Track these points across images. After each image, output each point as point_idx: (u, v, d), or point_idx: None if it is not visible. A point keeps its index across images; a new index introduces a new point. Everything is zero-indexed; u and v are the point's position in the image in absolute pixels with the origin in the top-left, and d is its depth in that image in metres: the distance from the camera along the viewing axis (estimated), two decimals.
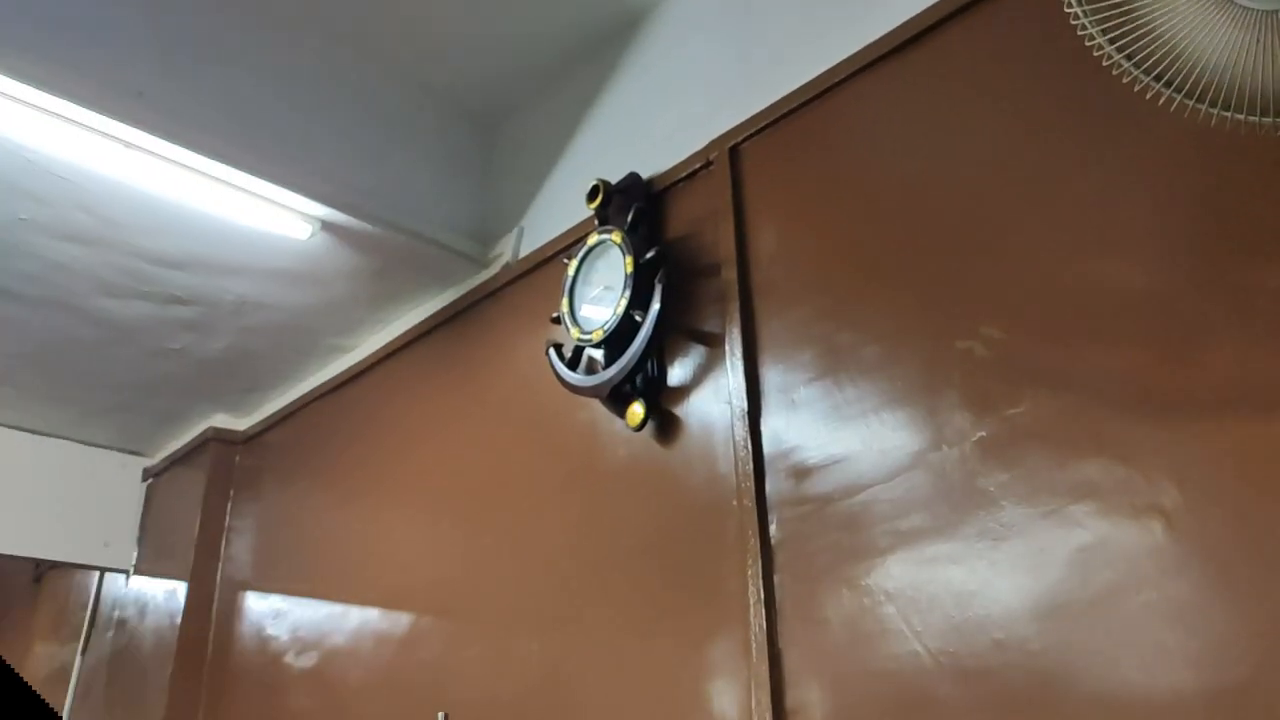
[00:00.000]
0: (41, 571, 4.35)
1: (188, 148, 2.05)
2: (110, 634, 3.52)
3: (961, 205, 1.52)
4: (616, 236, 1.95)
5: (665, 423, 1.88)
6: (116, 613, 3.54)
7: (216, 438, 3.31)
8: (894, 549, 1.44)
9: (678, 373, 1.90)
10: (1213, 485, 1.15)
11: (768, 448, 1.68)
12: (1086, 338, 1.30)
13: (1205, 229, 1.25)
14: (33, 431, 3.41)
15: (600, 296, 1.99)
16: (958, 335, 1.44)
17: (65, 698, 3.57)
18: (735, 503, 1.67)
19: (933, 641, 1.35)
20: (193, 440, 3.39)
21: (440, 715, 1.37)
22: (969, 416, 1.40)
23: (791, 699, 1.49)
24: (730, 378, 1.77)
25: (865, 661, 1.42)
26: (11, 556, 3.47)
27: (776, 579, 1.58)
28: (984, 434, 1.37)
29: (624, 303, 1.88)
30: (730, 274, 1.83)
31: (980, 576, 1.32)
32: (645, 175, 2.08)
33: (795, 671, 1.51)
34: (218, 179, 2.17)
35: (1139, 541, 1.18)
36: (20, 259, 2.46)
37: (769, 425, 1.69)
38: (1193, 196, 1.27)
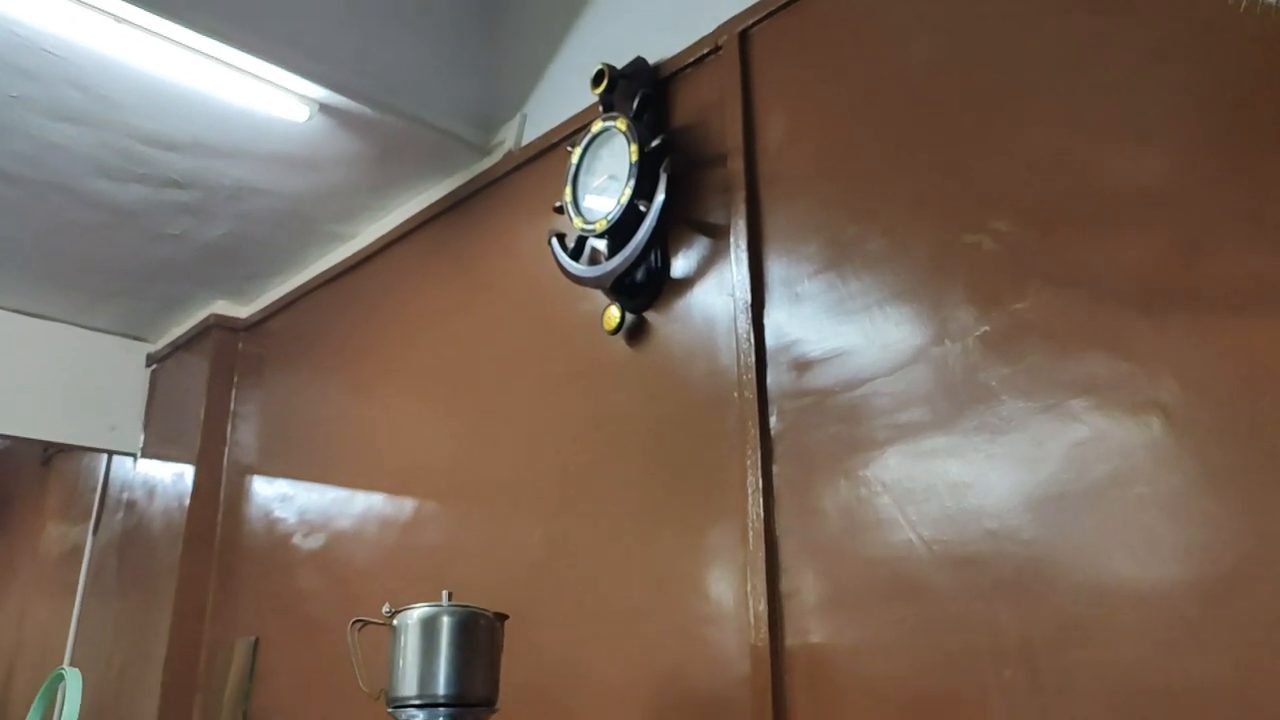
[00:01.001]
0: (50, 454, 4.42)
1: (179, 23, 1.99)
2: (120, 515, 3.60)
3: (975, 94, 1.48)
4: (621, 123, 1.91)
5: (664, 317, 1.88)
6: (125, 495, 3.61)
7: (218, 324, 3.32)
8: (892, 441, 1.45)
9: (681, 264, 1.89)
10: (1213, 382, 1.15)
11: (770, 340, 1.68)
12: (1097, 231, 1.29)
13: (1225, 121, 1.21)
14: (36, 316, 3.41)
15: (604, 186, 1.96)
16: (966, 228, 1.42)
17: (79, 576, 3.67)
18: (736, 395, 1.68)
19: (926, 530, 1.37)
20: (195, 326, 3.40)
21: (444, 593, 1.41)
22: (973, 311, 1.39)
23: (786, 584, 1.53)
24: (734, 270, 1.75)
25: (859, 549, 1.45)
26: (20, 439, 3.52)
27: (775, 469, 1.60)
28: (988, 328, 1.37)
29: (628, 192, 1.85)
30: (737, 164, 1.79)
31: (976, 469, 1.34)
32: (652, 60, 2.03)
33: (791, 558, 1.54)
34: (211, 56, 2.11)
35: (1136, 436, 1.19)
36: (13, 138, 2.42)
37: (772, 318, 1.69)
38: (1215, 87, 1.23)
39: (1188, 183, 1.22)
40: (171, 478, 3.31)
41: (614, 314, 1.92)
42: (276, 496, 2.95)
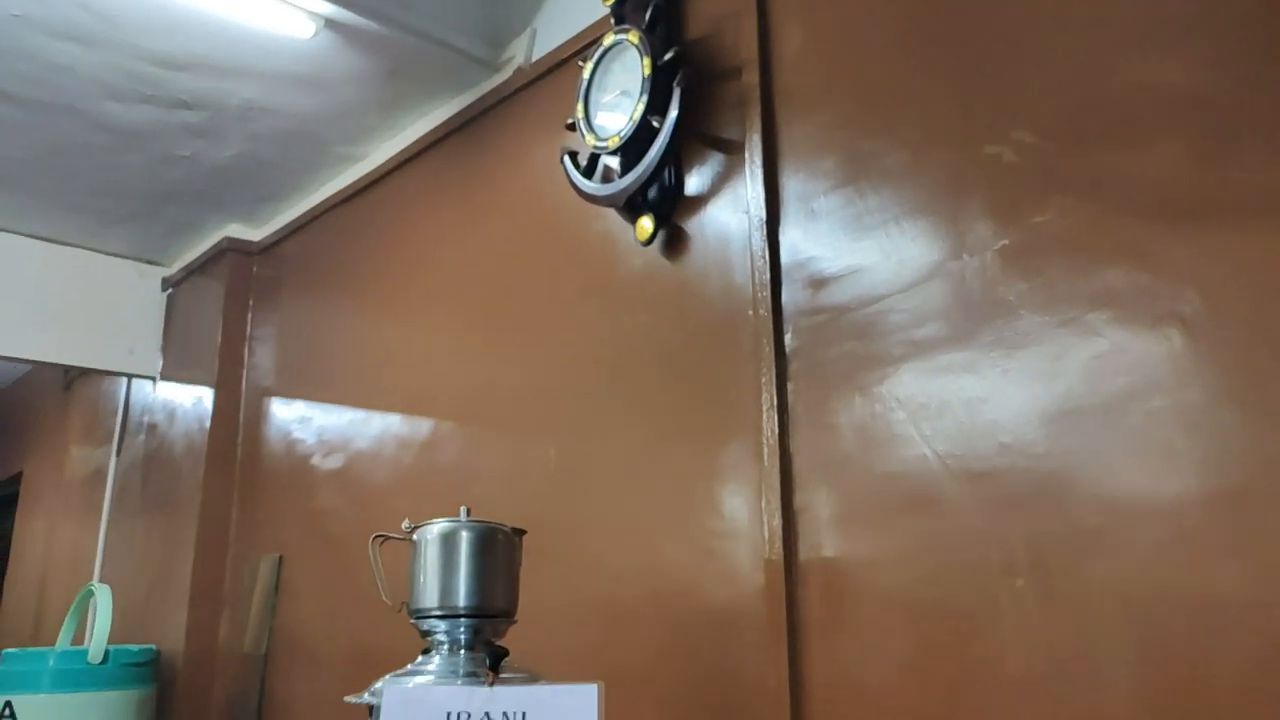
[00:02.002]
0: (71, 378, 4.48)
1: None
2: (142, 438, 3.66)
3: (998, 2, 1.44)
4: (633, 36, 1.87)
5: (681, 233, 1.86)
6: (146, 418, 3.66)
7: (232, 248, 3.32)
8: (908, 358, 1.45)
9: (695, 181, 1.87)
10: (1235, 293, 1.13)
11: (785, 258, 1.66)
12: (1121, 141, 1.26)
13: (1252, 28, 1.17)
14: (51, 240, 3.42)
15: (616, 102, 1.92)
16: (987, 140, 1.40)
17: (104, 496, 3.75)
18: (751, 313, 1.68)
19: (940, 445, 1.38)
20: (209, 250, 3.40)
21: (463, 509, 1.43)
22: (992, 225, 1.37)
23: (800, 499, 1.55)
24: (749, 186, 1.73)
25: (873, 464, 1.46)
26: (40, 363, 3.57)
27: (790, 386, 1.60)
28: (1006, 242, 1.35)
29: (641, 108, 1.82)
30: (752, 77, 1.76)
31: (992, 384, 1.34)
32: None
33: (805, 474, 1.55)
34: None
35: (1155, 349, 1.18)
36: (19, 60, 2.39)
37: (787, 235, 1.67)
38: None
39: (1213, 91, 1.19)
40: (191, 401, 3.35)
41: (646, 225, 1.87)
42: (295, 418, 2.98)
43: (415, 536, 1.42)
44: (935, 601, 1.35)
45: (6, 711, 2.50)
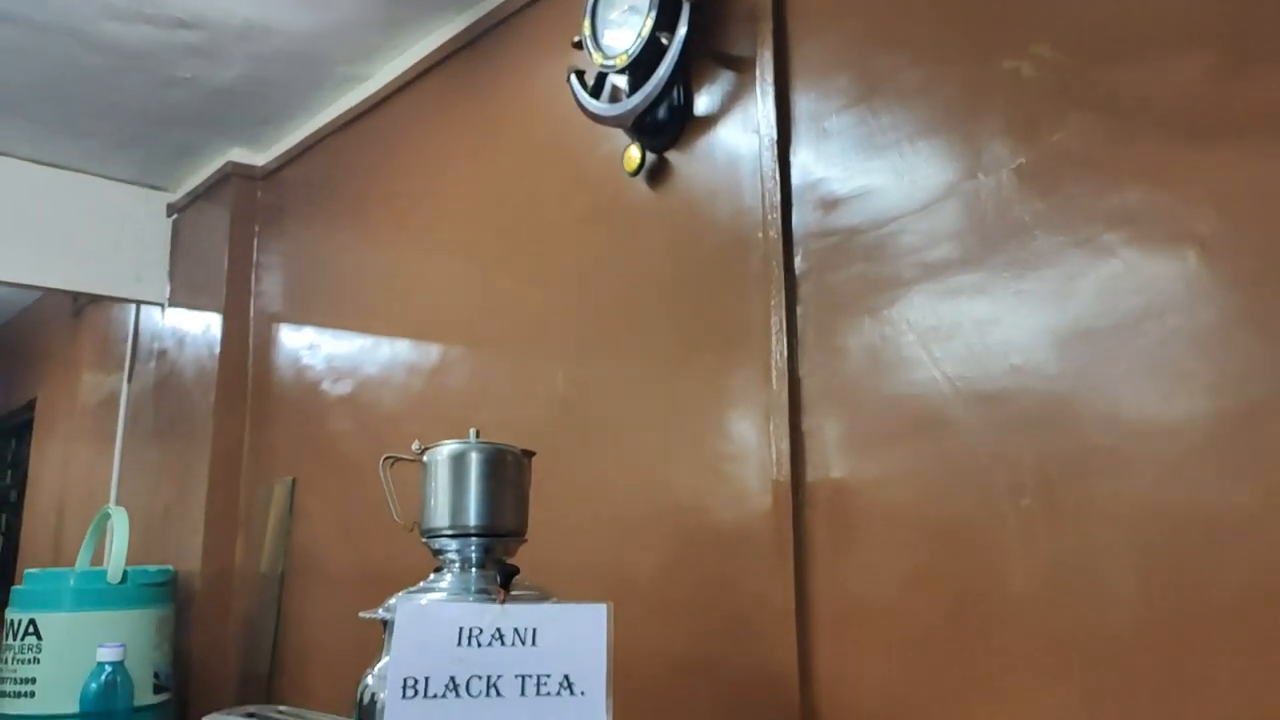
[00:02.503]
0: (80, 305, 4.48)
1: None
2: (152, 364, 3.67)
3: None
4: None
5: (666, 164, 1.83)
6: (156, 344, 3.67)
7: (236, 173, 3.29)
8: (919, 280, 1.44)
9: (705, 101, 1.83)
10: (1255, 211, 1.11)
11: (796, 179, 1.64)
12: (1143, 55, 1.22)
13: None
14: (54, 165, 3.39)
15: (623, 19, 1.88)
16: (1005, 54, 1.36)
17: (117, 422, 3.78)
18: (761, 235, 1.66)
19: (951, 368, 1.37)
20: (213, 175, 3.37)
21: (472, 431, 1.44)
22: (1009, 143, 1.34)
23: (808, 422, 1.55)
24: (760, 106, 1.70)
25: (882, 387, 1.46)
26: (49, 290, 3.57)
27: (799, 310, 1.59)
28: (1023, 161, 1.32)
29: (649, 24, 1.78)
30: None
31: (1005, 305, 1.32)
32: None
33: (813, 397, 1.55)
34: None
35: (1171, 269, 1.17)
36: None
37: (798, 155, 1.64)
38: None
39: (1236, 6, 1.15)
40: (200, 327, 3.35)
41: (634, 154, 1.87)
42: (304, 344, 2.99)
43: (425, 458, 1.43)
44: (941, 521, 1.36)
45: (31, 629, 2.56)
